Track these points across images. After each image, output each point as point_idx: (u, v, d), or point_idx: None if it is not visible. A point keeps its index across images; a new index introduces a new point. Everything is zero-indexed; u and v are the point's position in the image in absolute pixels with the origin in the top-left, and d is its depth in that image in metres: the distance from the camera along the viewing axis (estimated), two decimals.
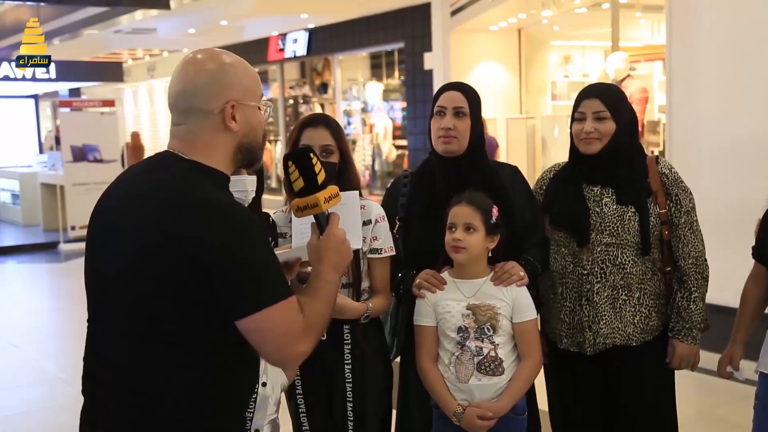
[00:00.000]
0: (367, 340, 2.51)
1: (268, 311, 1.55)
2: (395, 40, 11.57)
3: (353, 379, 2.49)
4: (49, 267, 9.76)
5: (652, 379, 2.61)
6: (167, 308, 1.56)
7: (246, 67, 1.71)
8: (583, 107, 2.57)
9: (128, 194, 1.65)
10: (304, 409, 2.53)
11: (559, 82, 9.83)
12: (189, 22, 12.38)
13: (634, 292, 2.54)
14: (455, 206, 2.38)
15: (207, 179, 1.63)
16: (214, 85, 1.64)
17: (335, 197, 1.77)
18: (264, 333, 1.57)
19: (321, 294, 1.68)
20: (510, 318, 2.38)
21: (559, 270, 2.60)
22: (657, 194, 2.55)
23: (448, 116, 2.55)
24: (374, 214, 2.51)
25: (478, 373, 2.34)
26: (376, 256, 2.50)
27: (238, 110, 1.66)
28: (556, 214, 2.61)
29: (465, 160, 2.57)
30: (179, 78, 1.67)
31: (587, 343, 2.55)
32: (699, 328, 2.58)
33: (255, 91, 1.71)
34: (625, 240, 2.52)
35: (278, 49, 14.01)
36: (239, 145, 1.69)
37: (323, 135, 2.49)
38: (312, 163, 1.76)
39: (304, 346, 1.62)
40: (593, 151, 2.54)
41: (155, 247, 1.55)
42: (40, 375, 5.42)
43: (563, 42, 10.02)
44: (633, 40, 9.08)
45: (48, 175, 11.90)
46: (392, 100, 13.11)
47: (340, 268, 1.74)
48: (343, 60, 13.60)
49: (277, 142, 14.95)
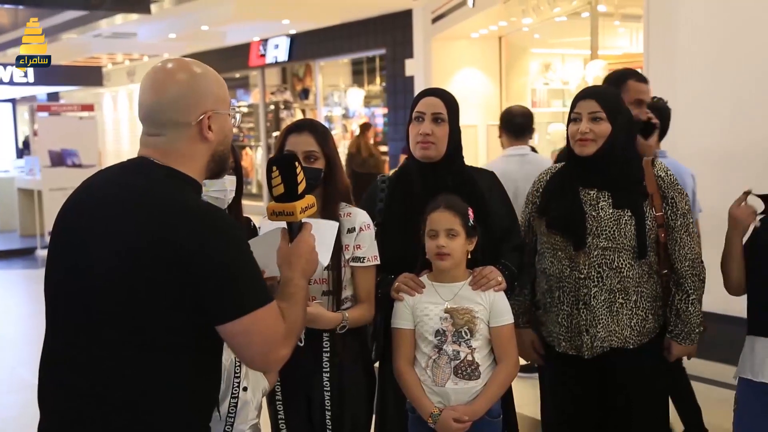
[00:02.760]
0: (346, 348, 2.50)
1: (253, 315, 1.56)
2: (376, 47, 11.59)
3: (331, 387, 2.48)
4: (26, 273, 9.65)
5: (649, 381, 2.61)
6: (151, 314, 1.55)
7: (216, 76, 1.72)
8: (579, 108, 2.56)
9: (104, 200, 1.63)
10: (283, 416, 2.52)
11: (539, 89, 9.89)
12: (170, 26, 12.32)
13: (631, 296, 2.54)
14: (434, 212, 2.38)
15: (189, 187, 1.64)
16: (190, 97, 1.64)
17: (311, 207, 1.81)
18: (249, 337, 1.57)
19: (293, 299, 1.70)
20: (487, 322, 2.39)
21: (556, 274, 2.59)
22: (653, 197, 2.55)
23: (426, 122, 2.55)
24: (359, 222, 2.49)
25: (455, 377, 2.35)
26: (358, 264, 2.48)
27: (214, 120, 1.67)
28: (553, 218, 2.60)
29: (443, 165, 2.58)
30: (152, 90, 1.65)
31: (585, 347, 2.55)
32: (697, 331, 2.58)
33: (226, 98, 1.72)
34: (621, 244, 2.51)
35: (259, 55, 13.99)
36: (214, 154, 1.70)
37: (307, 141, 2.47)
38: (296, 172, 1.78)
39: (285, 349, 1.64)
40: (588, 152, 2.53)
41: (138, 253, 1.54)
42: (16, 382, 5.36)
43: (543, 50, 10.08)
44: (612, 49, 9.15)
45: (25, 180, 11.77)
46: (373, 106, 13.13)
47: (307, 276, 1.77)
48: (324, 66, 13.61)
49: (257, 147, 14.91)
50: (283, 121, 14.27)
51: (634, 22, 8.50)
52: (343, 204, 2.52)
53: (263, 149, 14.59)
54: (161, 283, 1.53)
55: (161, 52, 15.46)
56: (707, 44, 5.12)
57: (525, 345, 2.78)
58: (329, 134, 2.54)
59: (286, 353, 1.65)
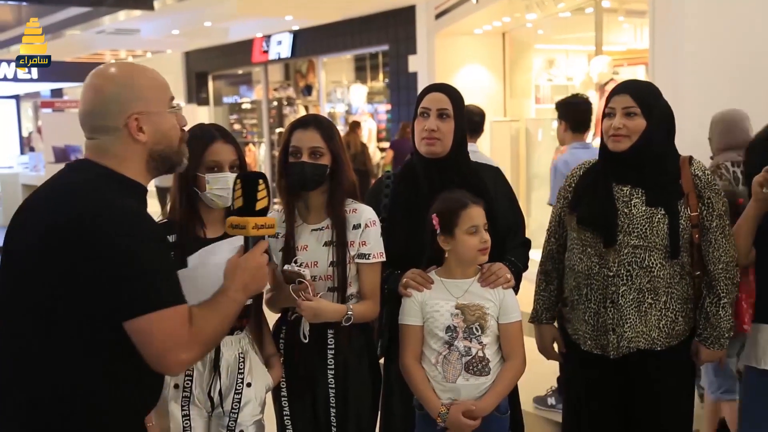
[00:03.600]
0: (351, 344, 2.49)
1: (154, 315, 1.58)
2: (380, 43, 11.57)
3: (336, 384, 2.48)
4: None
5: (675, 384, 2.55)
6: (61, 306, 1.59)
7: (147, 76, 1.74)
8: (613, 103, 2.50)
9: (38, 197, 1.70)
10: (288, 413, 2.52)
11: (542, 85, 9.85)
12: (173, 23, 12.31)
13: (661, 296, 2.47)
14: (469, 208, 2.35)
15: (116, 185, 1.67)
16: (115, 103, 1.69)
17: (268, 228, 1.84)
18: (148, 336, 1.60)
19: (218, 308, 1.72)
20: (497, 319, 2.38)
21: (585, 271, 2.53)
22: (689, 196, 2.47)
23: (431, 118, 2.54)
24: (365, 218, 2.49)
25: (466, 373, 2.34)
26: (364, 261, 2.48)
27: (144, 121, 1.70)
28: (584, 214, 2.54)
29: (448, 161, 2.57)
30: (83, 99, 1.73)
31: (611, 346, 2.50)
32: (727, 336, 2.50)
33: (159, 97, 1.74)
34: (653, 242, 2.44)
35: (262, 51, 13.98)
36: (151, 154, 1.74)
37: (313, 137, 2.46)
38: (257, 189, 1.84)
39: (186, 355, 1.65)
40: (621, 148, 2.46)
41: (51, 246, 1.59)
42: None
43: (547, 46, 10.04)
44: (616, 44, 9.12)
45: (29, 176, 11.79)
46: (376, 102, 13.12)
47: (249, 291, 1.79)
48: (327, 62, 13.59)
49: (260, 144, 14.91)
50: (286, 118, 14.26)
51: (639, 18, 8.48)
52: (349, 200, 2.52)
53: (266, 145, 14.58)
54: (72, 277, 1.57)
55: (164, 48, 15.47)
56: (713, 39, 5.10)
57: (546, 342, 2.75)
58: (335, 130, 2.53)
59: (187, 359, 1.66)
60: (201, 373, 2.33)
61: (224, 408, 2.33)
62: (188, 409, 2.32)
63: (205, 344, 1.69)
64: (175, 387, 2.32)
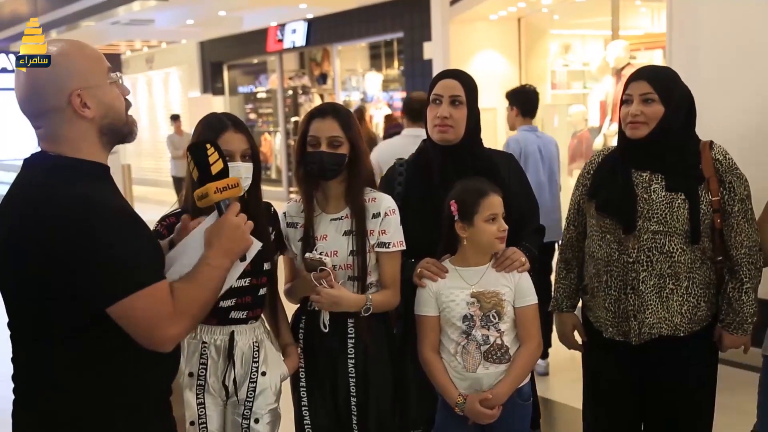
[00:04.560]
0: (371, 333, 2.48)
1: (132, 298, 1.56)
2: (394, 30, 11.52)
3: (356, 373, 2.47)
4: None
5: (698, 369, 2.53)
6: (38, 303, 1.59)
7: (80, 50, 1.68)
8: (630, 89, 2.47)
9: (7, 194, 1.68)
10: (307, 403, 2.52)
11: (558, 71, 9.78)
12: (187, 12, 12.33)
13: (682, 281, 2.45)
14: (488, 198, 2.34)
15: (70, 173, 1.63)
16: (52, 83, 1.63)
17: (232, 188, 1.80)
18: (131, 319, 1.59)
19: (199, 278, 1.69)
20: (513, 304, 2.37)
21: (604, 257, 2.51)
22: (709, 181, 2.44)
23: (444, 105, 2.52)
24: (384, 207, 2.48)
25: (486, 362, 2.33)
26: (383, 250, 2.46)
27: (86, 96, 1.64)
28: (603, 200, 2.52)
29: (461, 148, 2.55)
30: (18, 85, 1.67)
31: (632, 333, 2.48)
32: (750, 321, 2.48)
33: (99, 70, 1.68)
34: (673, 228, 2.42)
35: (277, 40, 13.96)
36: (101, 128, 1.68)
37: (331, 126, 2.43)
38: (206, 154, 1.80)
39: (174, 329, 1.63)
40: (639, 135, 2.44)
41: (17, 246, 1.58)
42: None
43: (563, 31, 9.97)
44: (633, 29, 9.04)
45: None
46: (392, 90, 13.08)
47: (231, 254, 1.75)
48: (342, 50, 13.55)
49: (276, 133, 14.92)
50: (302, 107, 14.26)
51: (656, 1, 8.39)
52: (368, 189, 2.50)
53: (282, 134, 14.59)
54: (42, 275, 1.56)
55: (179, 39, 15.49)
56: (731, 22, 5.03)
57: (566, 330, 2.74)
58: (353, 119, 2.51)
59: (175, 333, 1.64)
60: (215, 361, 2.34)
61: (239, 396, 2.34)
62: (203, 398, 2.33)
63: (192, 316, 1.67)
64: (190, 375, 2.33)
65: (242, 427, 2.34)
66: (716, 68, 5.04)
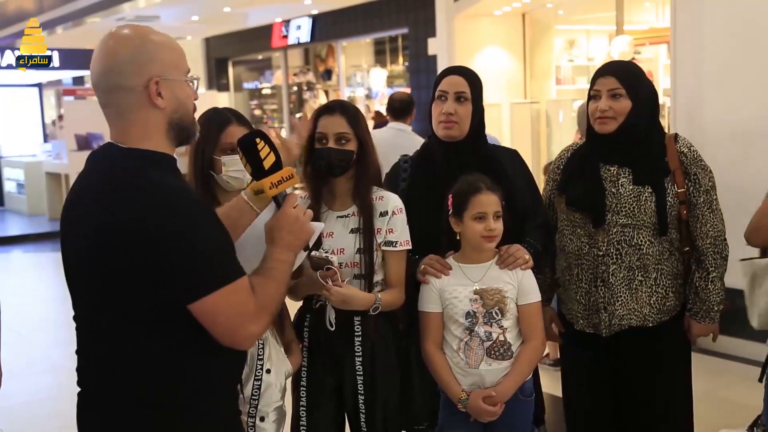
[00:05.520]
0: (378, 331, 2.48)
1: (218, 294, 1.55)
2: (399, 26, 11.50)
3: (364, 371, 2.47)
4: (55, 256, 9.77)
5: (669, 359, 2.59)
6: (126, 296, 1.57)
7: (169, 42, 1.68)
8: (598, 85, 2.52)
9: (80, 188, 1.67)
10: (305, 403, 2.51)
11: (563, 66, 9.76)
12: (192, 9, 12.33)
13: (651, 273, 2.51)
14: (480, 194, 2.34)
15: (149, 165, 1.62)
16: (136, 62, 1.61)
17: (288, 180, 1.78)
18: (215, 316, 1.57)
19: (273, 274, 1.69)
20: (516, 301, 2.37)
21: (575, 251, 2.58)
22: (675, 173, 2.50)
23: (449, 101, 2.53)
24: (392, 205, 2.48)
25: (488, 358, 2.34)
26: (390, 248, 2.46)
27: (162, 86, 1.63)
28: (573, 195, 2.57)
29: (466, 144, 2.56)
30: (99, 56, 1.64)
31: (603, 325, 2.54)
32: (717, 309, 2.54)
33: (179, 65, 1.68)
34: (641, 220, 2.48)
35: (282, 36, 13.96)
36: (170, 122, 1.67)
37: (339, 122, 2.44)
38: (257, 149, 1.77)
39: (256, 326, 1.63)
40: (608, 130, 2.49)
41: (104, 238, 1.56)
42: (47, 363, 5.46)
43: (568, 26, 9.94)
44: (638, 24, 9.01)
45: (53, 164, 11.91)
46: (396, 86, 13.06)
47: (294, 247, 1.75)
48: (347, 46, 13.54)
49: (281, 129, 14.93)
50: (306, 103, 14.26)
51: None
52: (375, 187, 2.50)
53: (287, 130, 14.59)
54: (130, 268, 1.54)
55: (184, 35, 15.49)
56: (735, 16, 5.01)
57: (545, 323, 2.75)
58: (361, 115, 2.51)
59: (257, 329, 1.64)
60: None
61: (244, 394, 2.35)
62: None
63: (269, 312, 1.67)
64: None
65: (248, 425, 2.34)
66: (720, 62, 5.03)
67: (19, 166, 13.04)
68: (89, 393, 1.69)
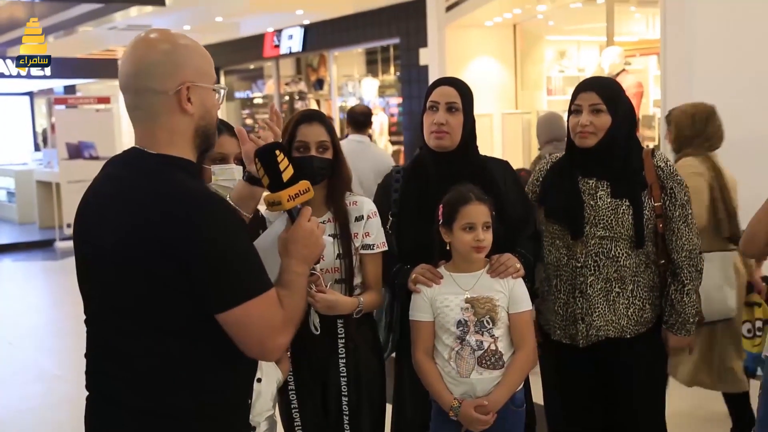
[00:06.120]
0: (360, 334, 2.51)
1: (249, 305, 1.54)
2: (390, 36, 11.55)
3: (348, 372, 2.49)
4: (46, 265, 9.75)
5: (646, 371, 2.62)
6: (154, 304, 1.56)
7: (200, 48, 1.67)
8: (579, 100, 2.56)
9: (107, 192, 1.64)
10: (297, 405, 2.53)
11: (554, 77, 9.82)
12: (184, 18, 12.34)
13: (628, 285, 2.55)
14: (469, 205, 2.35)
15: (178, 171, 1.60)
16: (169, 65, 1.60)
17: (304, 193, 1.78)
18: (245, 326, 1.56)
19: (292, 286, 1.68)
20: (507, 310, 2.39)
21: (554, 262, 2.61)
22: (652, 187, 2.55)
23: (440, 111, 2.55)
24: (366, 209, 2.51)
25: (479, 367, 2.34)
26: (368, 251, 2.50)
27: (193, 92, 1.62)
28: (551, 207, 2.61)
29: (457, 155, 2.58)
30: (131, 58, 1.62)
31: (580, 335, 2.57)
32: (692, 321, 2.58)
33: (209, 72, 1.67)
34: (618, 233, 2.52)
35: (273, 46, 13.99)
36: (197, 129, 1.66)
37: (320, 131, 2.48)
38: (276, 161, 1.77)
39: (284, 338, 1.62)
40: (588, 145, 2.53)
41: (134, 245, 1.54)
42: (37, 372, 5.43)
43: (558, 37, 10.01)
44: (628, 35, 9.07)
45: (43, 172, 11.87)
46: (388, 96, 13.10)
47: (309, 260, 1.74)
48: (338, 56, 13.58)
49: None
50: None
51: (651, 7, 8.43)
52: (348, 193, 2.54)
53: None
54: (159, 275, 1.53)
55: None
56: (725, 28, 5.06)
57: None
58: (332, 125, 2.59)
59: (285, 341, 1.63)
60: None
61: None
62: None
63: (295, 324, 1.66)
64: None
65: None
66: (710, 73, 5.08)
67: (10, 175, 12.99)
68: (102, 399, 1.66)
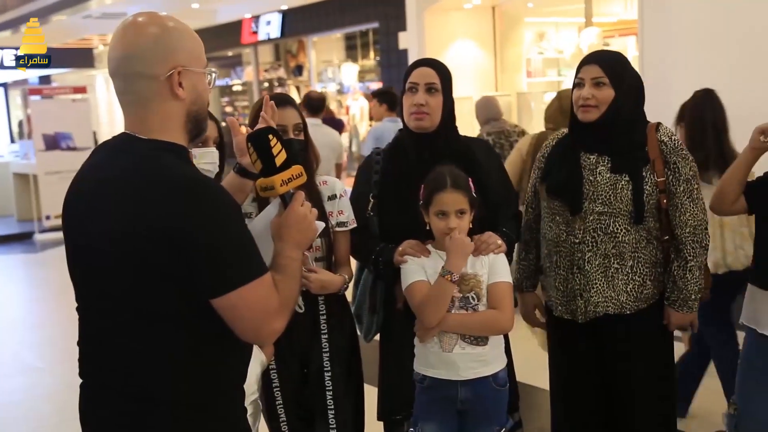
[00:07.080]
0: (339, 310, 2.58)
1: (241, 291, 1.53)
2: (369, 20, 11.51)
3: (330, 348, 2.53)
4: (25, 257, 9.66)
5: (647, 346, 2.60)
6: (148, 290, 1.54)
7: (191, 32, 1.64)
8: (582, 73, 2.52)
9: (98, 180, 1.61)
10: (278, 383, 2.54)
11: (533, 59, 9.83)
12: (160, 5, 12.20)
13: (627, 261, 2.52)
14: (442, 193, 2.32)
15: (171, 156, 1.58)
16: (159, 50, 1.57)
17: (297, 177, 1.76)
18: (241, 311, 1.55)
19: (287, 271, 1.67)
20: None
21: (554, 238, 2.60)
22: (655, 162, 2.50)
23: (420, 92, 2.54)
24: (338, 189, 2.57)
25: (462, 342, 2.34)
26: (343, 229, 2.55)
27: (185, 76, 1.60)
28: (552, 183, 2.60)
29: (437, 135, 2.57)
30: (121, 42, 1.59)
31: (579, 311, 2.56)
32: (695, 298, 2.54)
33: (200, 56, 1.65)
34: (617, 209, 2.49)
35: (252, 32, 13.89)
36: (188, 114, 1.63)
37: (294, 114, 2.52)
38: (269, 145, 1.76)
39: (279, 323, 1.62)
40: (590, 119, 2.50)
41: (129, 231, 1.52)
42: (19, 365, 5.38)
43: (537, 19, 10.01)
44: (606, 16, 9.10)
45: (20, 164, 11.72)
46: (368, 80, 13.07)
47: (302, 245, 1.73)
48: (317, 42, 13.52)
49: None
50: None
51: None
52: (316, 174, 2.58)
53: None
54: (154, 260, 1.51)
55: None
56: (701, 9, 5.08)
57: (528, 309, 2.83)
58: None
59: (280, 326, 1.62)
60: None
61: None
62: None
63: (289, 309, 1.65)
64: None
65: None
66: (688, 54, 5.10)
67: None
68: (96, 386, 1.65)
